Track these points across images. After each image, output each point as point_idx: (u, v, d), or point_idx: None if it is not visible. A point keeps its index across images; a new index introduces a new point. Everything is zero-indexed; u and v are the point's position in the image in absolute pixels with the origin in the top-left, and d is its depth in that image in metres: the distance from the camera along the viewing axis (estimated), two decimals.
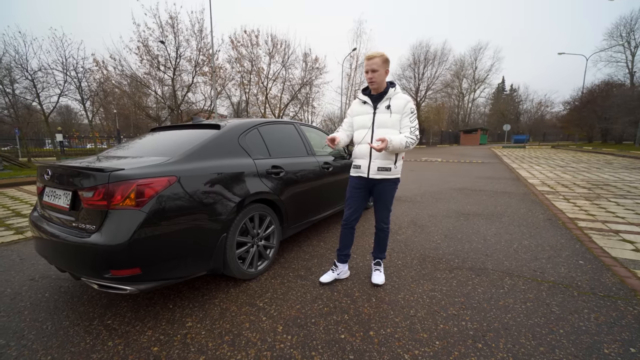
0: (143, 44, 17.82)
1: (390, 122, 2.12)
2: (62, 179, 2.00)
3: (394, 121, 2.12)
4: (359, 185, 2.28)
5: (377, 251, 2.43)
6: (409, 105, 2.12)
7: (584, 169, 9.55)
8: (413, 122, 2.12)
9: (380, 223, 2.34)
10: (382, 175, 2.19)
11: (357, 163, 2.27)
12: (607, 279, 2.35)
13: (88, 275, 1.80)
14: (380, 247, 2.41)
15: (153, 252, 1.80)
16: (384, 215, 2.32)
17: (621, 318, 1.85)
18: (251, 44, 22.67)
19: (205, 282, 2.40)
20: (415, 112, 2.13)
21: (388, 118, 2.12)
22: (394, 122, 2.12)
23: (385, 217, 2.32)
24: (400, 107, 2.11)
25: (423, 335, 1.72)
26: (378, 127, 2.16)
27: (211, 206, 2.07)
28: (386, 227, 2.34)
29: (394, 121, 2.12)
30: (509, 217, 4.14)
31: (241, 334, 1.76)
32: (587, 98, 29.44)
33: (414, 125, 2.12)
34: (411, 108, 2.12)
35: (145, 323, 1.89)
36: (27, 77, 13.88)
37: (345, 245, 2.39)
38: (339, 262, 2.41)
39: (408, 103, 2.12)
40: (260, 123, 2.83)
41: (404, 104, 2.12)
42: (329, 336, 1.72)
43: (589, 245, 3.05)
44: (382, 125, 2.14)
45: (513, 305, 2.01)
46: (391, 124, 2.12)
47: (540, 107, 49.06)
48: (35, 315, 2.01)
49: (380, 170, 2.18)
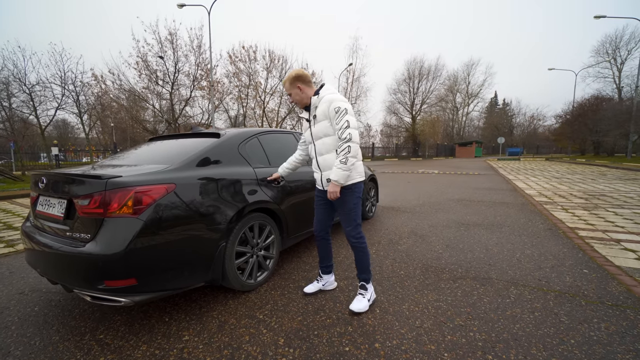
0: (142, 59, 18.10)
1: (321, 130, 2.00)
2: (57, 187, 1.95)
3: (324, 129, 1.98)
4: (319, 197, 2.21)
5: (358, 271, 2.15)
6: (332, 106, 1.89)
7: (579, 180, 9.63)
8: (339, 122, 1.86)
9: (347, 236, 2.09)
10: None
11: (314, 176, 2.22)
12: (614, 288, 2.31)
13: (81, 286, 1.73)
14: (358, 266, 2.12)
15: (150, 262, 1.74)
16: (347, 227, 2.06)
17: (632, 327, 1.80)
18: (249, 59, 23.10)
19: (203, 294, 2.32)
20: (341, 111, 1.87)
21: (317, 128, 2.02)
22: (325, 130, 1.98)
23: (351, 230, 2.05)
24: (324, 112, 1.95)
25: (431, 347, 1.65)
26: (316, 140, 2.07)
27: (210, 215, 2.03)
28: (356, 242, 2.06)
29: (324, 129, 1.98)
30: (509, 227, 4.12)
31: (241, 348, 1.68)
32: (578, 112, 30.17)
33: (341, 127, 1.86)
34: (335, 108, 1.88)
35: (140, 337, 1.80)
36: (25, 90, 13.92)
37: (323, 257, 2.31)
38: (323, 273, 2.34)
39: (331, 104, 1.90)
40: (260, 132, 2.82)
41: (326, 107, 1.92)
42: (332, 349, 1.65)
43: (592, 254, 3.02)
44: (317, 137, 2.05)
45: (521, 315, 1.96)
46: (322, 132, 2.00)
47: (533, 120, 50.05)
48: (23, 330, 1.91)
49: (329, 181, 2.02)
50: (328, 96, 1.96)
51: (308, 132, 2.14)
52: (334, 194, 1.93)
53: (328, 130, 1.97)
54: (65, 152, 25.12)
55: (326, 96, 1.97)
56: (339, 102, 1.89)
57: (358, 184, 2.04)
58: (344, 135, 1.86)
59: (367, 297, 2.07)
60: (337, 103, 1.89)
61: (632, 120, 21.15)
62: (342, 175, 1.88)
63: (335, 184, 1.91)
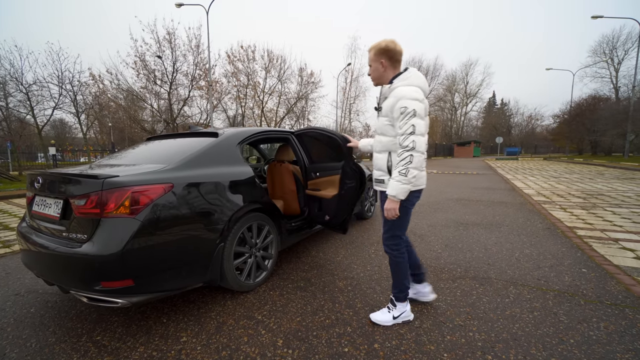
0: (140, 58, 18.01)
1: (379, 128, 1.77)
2: (54, 187, 1.93)
3: (381, 126, 1.76)
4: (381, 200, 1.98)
5: (392, 284, 1.93)
6: (399, 105, 1.61)
7: (577, 180, 9.66)
8: (403, 127, 1.59)
9: (384, 245, 1.91)
10: (379, 187, 1.88)
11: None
12: (612, 287, 2.31)
13: (77, 287, 1.71)
14: (393, 279, 1.92)
15: (147, 262, 1.73)
16: (384, 232, 1.89)
17: (631, 327, 1.80)
18: (247, 58, 23.06)
19: (201, 295, 2.31)
20: (408, 113, 1.58)
21: (379, 123, 1.80)
22: (382, 128, 1.75)
23: (387, 239, 1.87)
24: (388, 108, 1.69)
25: (430, 348, 1.64)
26: (375, 134, 1.85)
27: (208, 215, 2.01)
28: (390, 253, 1.86)
29: (381, 126, 1.76)
30: (508, 227, 4.12)
31: (239, 349, 1.66)
32: (576, 111, 30.29)
33: (404, 132, 1.59)
34: (401, 108, 1.60)
35: (137, 339, 1.78)
36: (22, 90, 13.84)
37: (410, 264, 2.02)
38: (413, 281, 2.08)
39: (398, 102, 1.61)
40: (258, 132, 2.81)
41: (393, 103, 1.65)
42: (332, 350, 1.64)
43: (590, 254, 3.03)
44: (375, 132, 1.84)
45: (520, 314, 1.95)
46: (380, 129, 1.77)
47: (531, 120, 50.20)
48: (19, 332, 1.89)
49: (376, 182, 1.89)
50: (399, 89, 1.65)
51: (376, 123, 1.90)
52: (391, 212, 1.67)
53: (386, 129, 1.73)
54: (62, 152, 25.02)
55: (398, 88, 1.66)
56: (407, 101, 1.59)
57: (413, 192, 1.74)
58: (407, 142, 1.58)
59: (394, 313, 1.86)
60: (405, 102, 1.59)
61: (629, 120, 21.26)
62: (400, 190, 1.61)
63: (392, 200, 1.65)
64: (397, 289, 1.89)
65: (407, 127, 1.59)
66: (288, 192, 3.33)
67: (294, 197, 3.31)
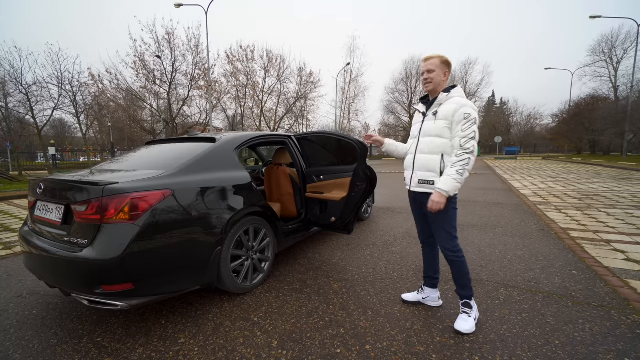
0: (139, 58, 18.05)
1: (435, 129, 1.86)
2: (55, 193, 1.98)
3: (439, 128, 1.84)
4: (412, 201, 2.08)
5: (457, 287, 1.97)
6: (462, 110, 1.76)
7: (574, 180, 9.72)
8: (466, 130, 1.74)
9: (441, 249, 1.97)
10: (425, 189, 1.90)
11: (404, 175, 2.08)
12: (601, 289, 2.37)
13: (78, 290, 1.76)
14: (456, 281, 1.96)
15: (146, 266, 1.78)
16: (440, 237, 1.95)
17: (615, 328, 1.86)
18: (247, 58, 23.08)
19: (199, 297, 2.36)
20: (471, 119, 1.74)
21: (433, 125, 1.87)
22: (439, 130, 1.84)
23: (444, 241, 1.92)
24: (449, 112, 1.80)
25: (420, 349, 1.70)
26: (423, 136, 1.93)
27: (206, 220, 2.07)
28: (452, 256, 1.91)
29: (439, 128, 1.84)
30: (502, 228, 4.18)
31: (235, 350, 1.72)
32: (575, 111, 30.35)
33: (467, 135, 1.73)
34: (465, 114, 1.75)
35: (137, 340, 1.84)
36: (22, 90, 13.87)
37: (428, 267, 2.15)
38: (425, 285, 2.16)
39: (461, 108, 1.77)
40: (255, 137, 2.86)
41: (455, 109, 1.78)
42: (324, 351, 1.70)
43: (582, 255, 3.09)
44: (426, 134, 1.91)
45: (509, 316, 2.01)
46: (435, 131, 1.85)
47: (530, 119, 50.22)
48: (21, 333, 1.94)
49: (421, 183, 1.91)
50: (460, 98, 1.83)
51: (417, 127, 2.00)
52: (437, 205, 1.77)
53: (443, 131, 1.83)
54: (62, 151, 25.05)
55: (457, 97, 1.84)
56: (470, 109, 1.77)
57: (454, 195, 1.84)
58: (468, 145, 1.73)
59: (473, 316, 1.90)
60: (469, 109, 1.76)
61: (627, 120, 21.31)
62: (453, 187, 1.73)
63: (442, 194, 1.75)
64: (465, 290, 1.94)
65: (469, 131, 1.74)
66: (285, 195, 3.39)
67: (291, 200, 3.36)
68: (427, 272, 2.17)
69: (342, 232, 3.07)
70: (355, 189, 2.71)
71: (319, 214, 3.13)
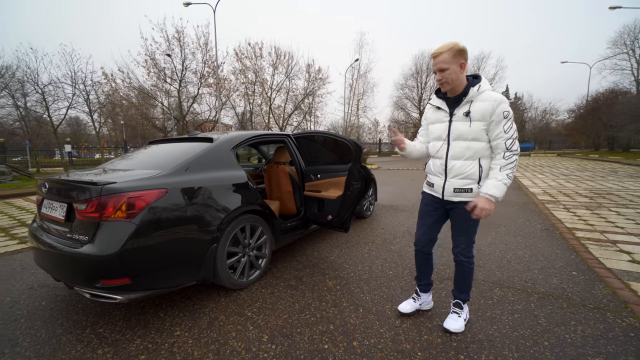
0: (150, 57, 18.37)
1: (471, 133, 1.67)
2: (59, 192, 2.08)
3: (476, 132, 1.66)
4: (431, 204, 1.91)
5: (456, 289, 1.93)
6: (501, 109, 1.59)
7: (588, 178, 9.44)
8: (509, 131, 1.59)
9: (457, 253, 1.86)
10: (461, 198, 1.76)
11: (431, 180, 1.91)
12: (599, 291, 2.33)
13: (80, 284, 1.86)
14: (458, 284, 1.91)
15: (143, 262, 1.86)
16: (460, 243, 1.84)
17: (608, 330, 1.84)
18: (255, 55, 23.15)
19: (197, 291, 2.44)
20: (511, 117, 1.60)
21: (467, 128, 1.67)
22: (476, 133, 1.66)
23: (464, 247, 1.83)
24: (485, 112, 1.62)
25: (406, 346, 1.73)
26: (455, 140, 1.73)
27: (201, 218, 2.13)
28: (466, 261, 1.84)
29: (476, 132, 1.66)
30: (505, 227, 4.13)
31: (227, 343, 1.79)
32: (592, 106, 29.29)
33: (511, 136, 1.59)
34: (504, 112, 1.59)
35: (136, 332, 1.93)
36: (38, 90, 14.37)
37: (423, 274, 2.06)
38: (421, 291, 2.08)
39: (499, 106, 1.59)
40: (253, 136, 2.91)
41: (492, 107, 1.60)
42: (312, 346, 1.74)
43: (585, 256, 3.03)
44: (459, 137, 1.71)
45: (500, 316, 2.01)
46: (472, 135, 1.67)
47: (545, 115, 48.74)
48: (31, 323, 2.06)
49: (457, 191, 1.75)
50: (492, 93, 1.63)
51: (441, 127, 1.78)
52: (486, 212, 1.63)
53: (481, 134, 1.66)
54: (78, 149, 25.85)
55: (489, 92, 1.64)
56: (508, 105, 1.60)
57: None
58: (515, 147, 1.60)
59: (463, 316, 1.90)
60: (507, 106, 1.60)
61: None
62: (503, 191, 1.64)
63: (491, 200, 1.63)
64: (464, 293, 1.92)
65: (512, 131, 1.60)
66: (284, 193, 3.44)
67: (291, 198, 3.42)
68: (422, 278, 2.07)
69: (339, 230, 3.11)
70: (350, 188, 2.74)
71: (316, 212, 3.18)
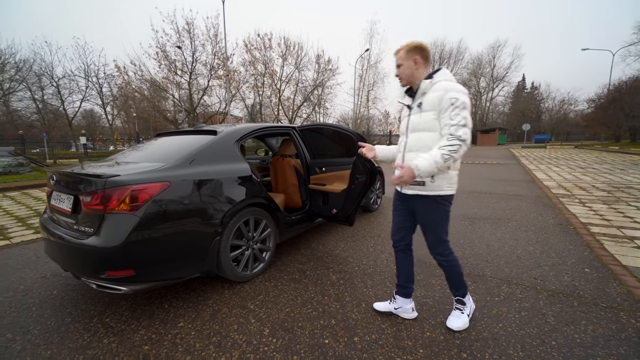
0: (161, 49, 18.46)
1: (421, 124, 1.66)
2: (66, 184, 2.11)
3: (426, 122, 1.64)
4: (398, 199, 1.90)
5: (450, 287, 1.89)
6: (448, 95, 1.56)
7: (606, 171, 9.08)
8: (455, 118, 1.53)
9: (433, 255, 1.83)
10: (415, 191, 1.73)
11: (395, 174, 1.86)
12: (613, 289, 2.24)
13: (87, 275, 1.90)
14: (450, 282, 1.87)
15: (146, 254, 1.88)
16: (431, 243, 1.80)
17: (621, 331, 1.77)
18: (264, 47, 22.97)
19: (202, 283, 2.47)
20: (459, 105, 1.54)
21: (419, 119, 1.68)
22: (427, 124, 1.64)
23: (432, 244, 1.79)
24: (435, 101, 1.61)
25: (407, 343, 1.70)
26: (411, 132, 1.73)
27: (204, 211, 2.14)
28: (443, 260, 1.79)
29: (426, 122, 1.64)
30: (516, 222, 4.01)
31: (228, 336, 1.80)
32: (614, 95, 27.97)
33: (456, 123, 1.53)
34: (451, 99, 1.55)
35: (141, 322, 1.97)
36: (53, 84, 14.69)
37: (400, 273, 1.96)
38: (397, 294, 1.98)
39: (447, 93, 1.57)
40: (257, 129, 2.89)
41: (440, 96, 1.59)
42: (313, 340, 1.74)
43: (599, 253, 2.92)
44: (414, 130, 1.71)
45: (506, 314, 1.96)
46: (423, 126, 1.66)
47: (563, 105, 46.96)
48: (42, 311, 2.13)
49: (412, 184, 1.72)
50: (444, 83, 1.62)
51: (404, 122, 1.80)
52: (402, 180, 1.57)
53: (432, 124, 1.63)
54: (93, 141, 26.47)
55: (442, 82, 1.63)
56: (457, 93, 1.56)
57: (446, 196, 1.70)
58: (459, 132, 1.52)
59: (466, 312, 1.85)
60: (455, 93, 1.56)
61: None
62: (427, 167, 1.53)
63: (413, 170, 1.55)
64: (459, 290, 1.85)
65: (459, 118, 1.53)
66: (290, 186, 3.42)
67: (296, 191, 3.40)
68: (399, 279, 1.97)
69: (344, 224, 3.08)
70: (355, 182, 2.70)
71: (321, 205, 3.15)
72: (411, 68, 1.71)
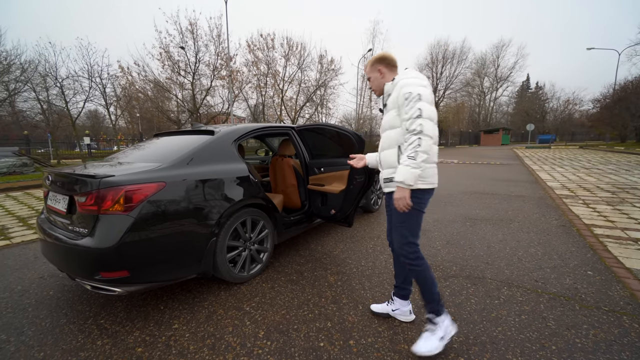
0: (165, 50, 18.53)
1: (387, 122, 1.71)
2: (62, 185, 2.11)
3: (390, 120, 1.68)
4: (387, 198, 1.85)
5: (423, 300, 1.73)
6: (402, 91, 1.57)
7: (611, 171, 8.97)
8: (409, 111, 1.52)
9: (399, 254, 1.72)
10: (389, 188, 1.74)
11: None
12: (616, 292, 2.20)
13: (81, 276, 1.89)
14: (420, 291, 1.71)
15: (141, 255, 1.87)
16: (397, 241, 1.71)
17: (623, 335, 1.73)
18: (267, 47, 22.99)
19: (198, 284, 2.46)
20: (413, 97, 1.52)
21: (385, 119, 1.74)
22: (391, 121, 1.68)
23: (401, 247, 1.68)
24: (395, 99, 1.64)
25: (404, 347, 1.67)
26: (382, 132, 1.77)
27: (200, 211, 2.12)
28: (407, 262, 1.67)
29: (390, 120, 1.68)
30: (518, 223, 3.96)
31: (222, 338, 1.78)
32: (619, 95, 27.66)
33: (410, 116, 1.50)
34: (405, 94, 1.55)
35: (135, 324, 1.96)
36: (57, 84, 14.80)
37: (398, 274, 1.92)
38: (395, 295, 1.94)
39: (401, 90, 1.58)
40: (255, 129, 2.87)
41: (397, 93, 1.61)
42: (308, 344, 1.71)
43: (602, 255, 2.87)
44: (384, 129, 1.76)
45: (506, 317, 1.92)
46: (388, 124, 1.70)
47: (568, 105, 46.53)
48: (37, 312, 2.12)
49: (386, 182, 1.76)
50: (402, 81, 1.63)
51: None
52: (402, 202, 1.54)
53: (394, 121, 1.66)
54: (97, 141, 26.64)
55: (401, 81, 1.64)
56: (410, 87, 1.56)
57: (419, 191, 1.61)
58: (414, 126, 1.49)
59: (439, 334, 1.63)
60: (409, 87, 1.56)
61: None
62: (410, 175, 1.49)
63: (402, 187, 1.53)
64: (430, 303, 1.68)
65: (413, 110, 1.51)
66: (289, 186, 3.40)
67: (295, 191, 3.38)
68: (396, 280, 1.93)
69: (342, 225, 3.06)
70: (353, 182, 2.67)
71: (320, 206, 3.13)
72: (378, 79, 1.82)
